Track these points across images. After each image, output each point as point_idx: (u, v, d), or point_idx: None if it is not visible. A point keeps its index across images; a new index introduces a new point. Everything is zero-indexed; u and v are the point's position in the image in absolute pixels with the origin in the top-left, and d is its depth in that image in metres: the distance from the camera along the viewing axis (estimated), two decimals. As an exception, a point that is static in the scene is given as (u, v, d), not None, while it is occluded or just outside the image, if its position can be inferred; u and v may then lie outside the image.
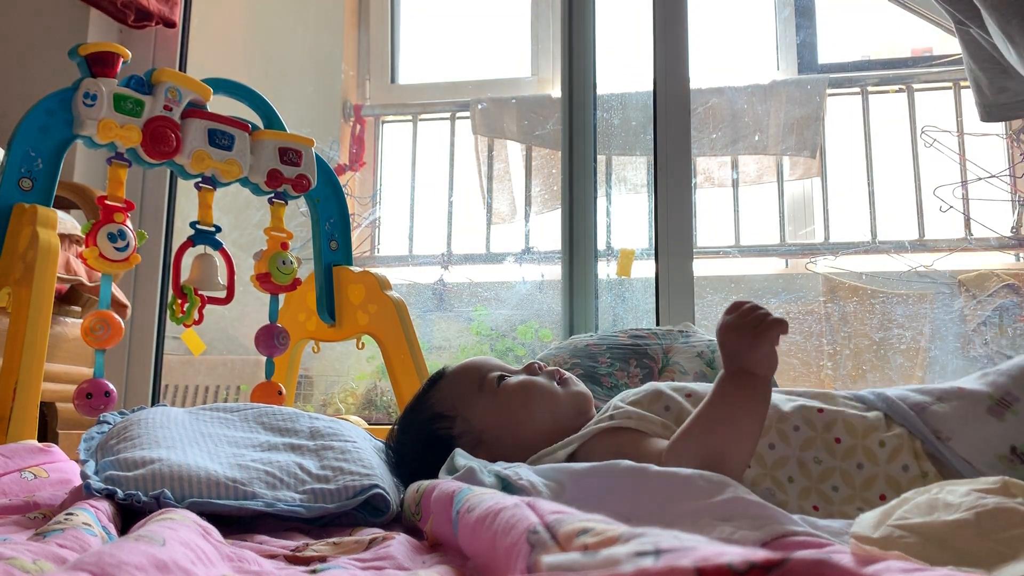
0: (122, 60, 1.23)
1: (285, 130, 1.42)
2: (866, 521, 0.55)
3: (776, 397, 0.85)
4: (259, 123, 1.41)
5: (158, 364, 1.94)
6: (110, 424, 0.89)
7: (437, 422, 0.91)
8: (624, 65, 2.23)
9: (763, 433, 0.81)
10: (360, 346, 1.53)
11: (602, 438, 0.84)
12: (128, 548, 0.42)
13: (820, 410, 0.84)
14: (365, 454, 0.86)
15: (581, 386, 0.94)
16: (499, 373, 0.92)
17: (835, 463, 0.80)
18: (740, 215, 2.64)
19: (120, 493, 0.71)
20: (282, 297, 1.48)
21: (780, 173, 2.65)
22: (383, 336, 1.46)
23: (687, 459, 0.71)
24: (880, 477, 0.79)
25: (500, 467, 0.71)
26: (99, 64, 1.21)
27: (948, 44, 2.51)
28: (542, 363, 0.96)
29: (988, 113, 1.30)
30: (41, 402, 1.16)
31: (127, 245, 1.20)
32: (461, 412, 0.90)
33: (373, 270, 1.51)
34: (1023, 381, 0.83)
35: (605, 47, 2.06)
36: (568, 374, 0.95)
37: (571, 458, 0.83)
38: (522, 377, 0.92)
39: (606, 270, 2.14)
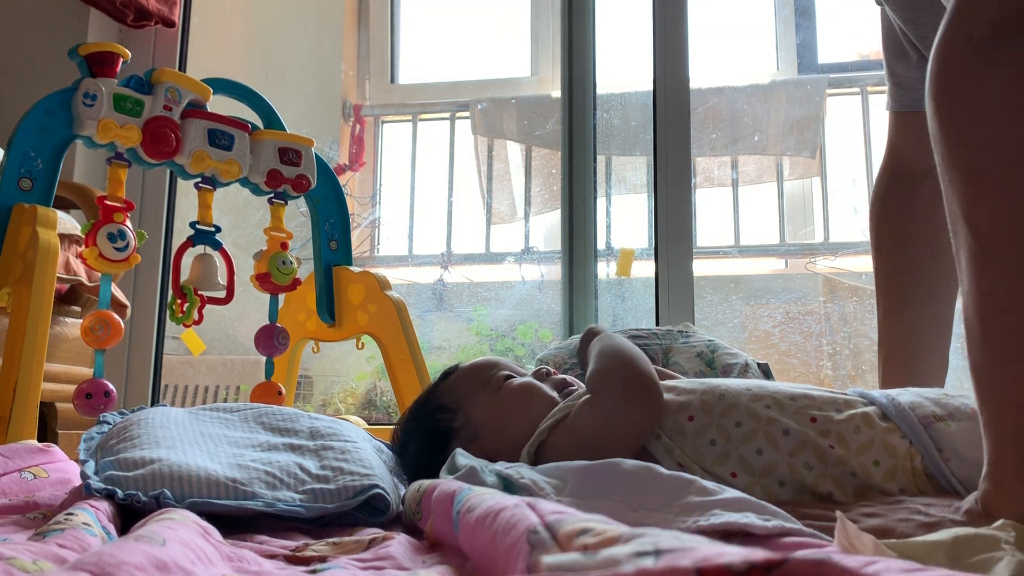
0: (122, 60, 1.23)
1: (285, 130, 1.42)
2: None
3: (762, 402, 0.84)
4: (259, 123, 1.41)
5: (158, 364, 1.94)
6: (110, 424, 0.89)
7: (440, 414, 0.93)
8: (624, 65, 2.23)
9: (750, 438, 0.80)
10: (360, 346, 1.53)
11: (556, 434, 0.85)
12: (128, 548, 0.42)
13: (813, 419, 0.81)
14: (365, 454, 0.86)
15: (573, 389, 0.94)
16: (507, 372, 0.94)
17: (827, 470, 0.78)
18: (740, 215, 2.64)
19: (120, 493, 0.71)
20: (282, 297, 1.48)
21: (780, 173, 2.65)
22: (383, 336, 1.46)
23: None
24: (873, 490, 0.77)
25: (501, 467, 0.71)
26: (99, 64, 1.21)
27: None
28: (553, 370, 0.97)
29: (887, 103, 1.26)
30: (41, 402, 1.16)
31: (127, 245, 1.20)
32: (464, 406, 0.92)
33: (373, 270, 1.51)
34: None
35: (605, 47, 2.06)
36: (576, 386, 0.95)
37: (536, 456, 0.85)
38: (527, 379, 0.93)
39: (606, 270, 2.14)
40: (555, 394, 0.92)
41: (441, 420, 0.92)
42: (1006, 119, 0.63)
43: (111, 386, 1.20)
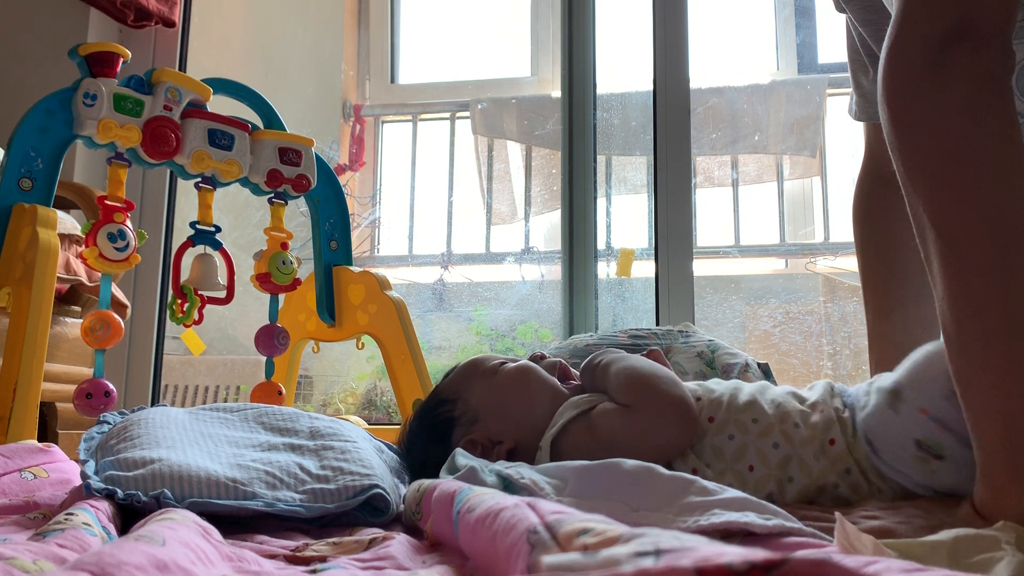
0: (122, 60, 1.23)
1: (285, 130, 1.42)
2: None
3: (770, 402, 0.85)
4: (259, 123, 1.41)
5: (158, 364, 1.93)
6: (110, 424, 0.89)
7: (441, 407, 0.95)
8: (624, 65, 2.23)
9: (766, 432, 0.81)
10: (360, 346, 1.53)
11: (578, 431, 0.85)
12: (128, 548, 0.42)
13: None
14: (365, 454, 0.86)
15: (576, 382, 0.96)
16: (501, 360, 0.96)
17: (829, 465, 0.79)
18: (740, 215, 2.64)
19: (120, 493, 0.71)
20: (282, 297, 1.48)
21: (780, 173, 2.65)
22: (383, 336, 1.46)
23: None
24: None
25: (501, 466, 0.71)
26: (99, 64, 1.21)
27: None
28: (546, 354, 0.99)
29: (851, 110, 1.26)
30: (41, 402, 1.16)
31: (127, 245, 1.20)
32: (462, 395, 0.94)
33: (373, 270, 1.51)
34: (910, 366, 0.77)
35: (605, 47, 2.06)
36: (571, 369, 0.97)
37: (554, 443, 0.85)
38: (523, 362, 0.96)
39: (606, 270, 2.14)
40: (552, 377, 0.94)
41: (442, 412, 0.94)
42: (962, 121, 0.63)
43: (111, 386, 1.20)
